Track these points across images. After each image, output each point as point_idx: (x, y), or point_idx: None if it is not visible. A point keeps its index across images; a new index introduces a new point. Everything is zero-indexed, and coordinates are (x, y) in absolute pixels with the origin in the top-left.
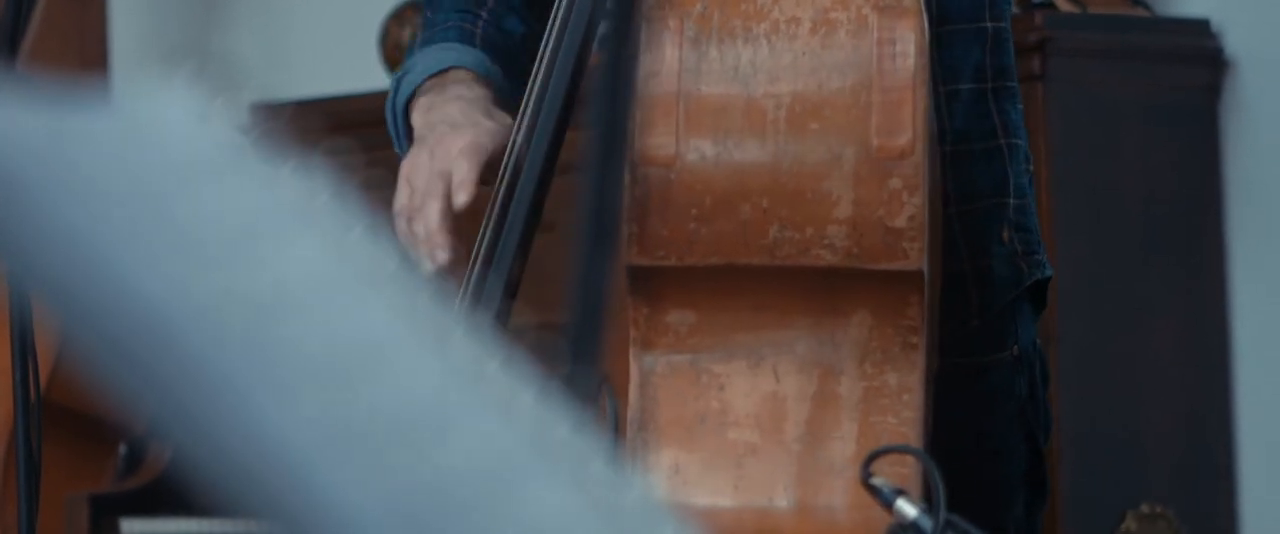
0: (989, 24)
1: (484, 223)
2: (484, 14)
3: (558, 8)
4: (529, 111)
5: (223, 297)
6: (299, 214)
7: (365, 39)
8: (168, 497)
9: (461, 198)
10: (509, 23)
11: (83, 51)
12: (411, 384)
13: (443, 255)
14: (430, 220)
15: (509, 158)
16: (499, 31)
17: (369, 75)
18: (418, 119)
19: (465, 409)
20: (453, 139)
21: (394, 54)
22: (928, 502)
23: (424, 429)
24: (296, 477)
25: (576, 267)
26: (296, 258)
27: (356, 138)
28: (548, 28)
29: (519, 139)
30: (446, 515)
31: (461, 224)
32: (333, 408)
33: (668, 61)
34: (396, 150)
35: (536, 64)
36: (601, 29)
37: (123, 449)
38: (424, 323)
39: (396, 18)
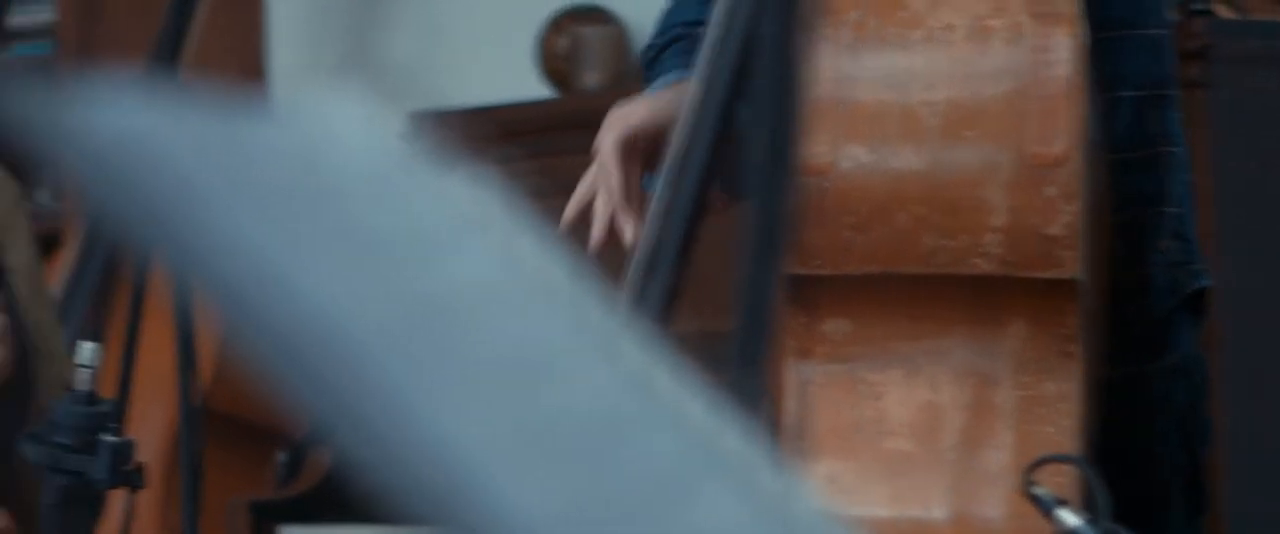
0: (1151, 31)
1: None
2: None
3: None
4: (691, 114)
5: (396, 304)
6: (471, 221)
7: (522, 48)
8: (327, 504)
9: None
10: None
11: (241, 59)
12: (585, 391)
13: (598, 231)
14: (613, 195)
15: (672, 163)
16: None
17: (525, 84)
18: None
19: (638, 417)
20: (627, 112)
21: (551, 63)
22: (1089, 511)
23: (598, 436)
24: (470, 483)
25: (742, 272)
26: (469, 265)
27: (514, 146)
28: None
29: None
30: (619, 523)
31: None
32: (506, 414)
33: (824, 69)
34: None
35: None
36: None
37: (282, 456)
38: (596, 330)
39: (554, 26)
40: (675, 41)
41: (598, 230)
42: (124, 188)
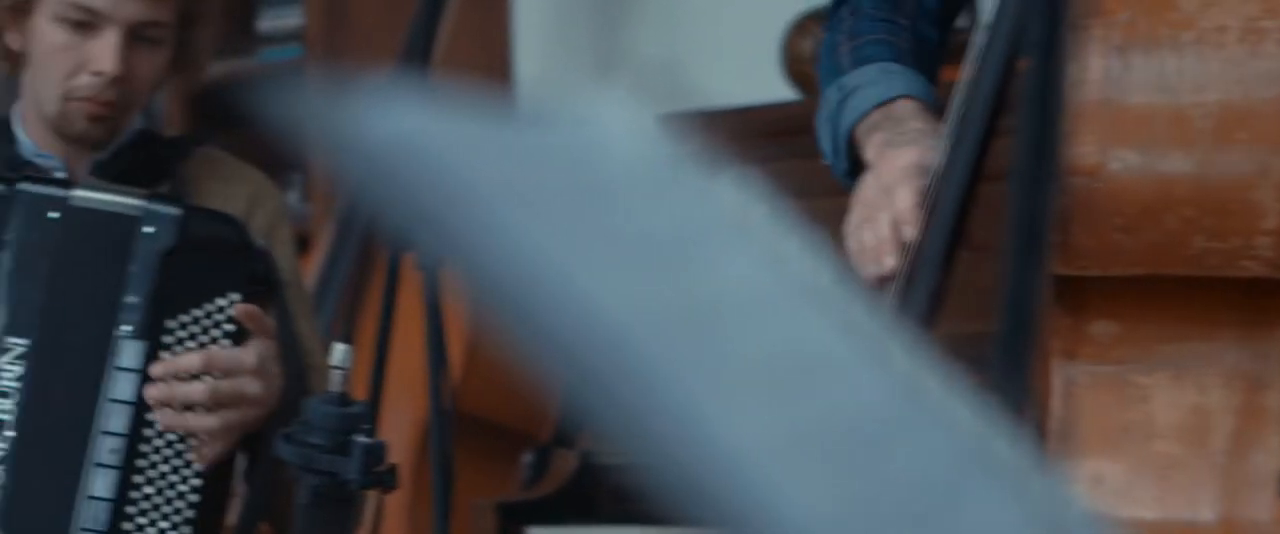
0: None
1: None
2: (904, 22)
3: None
4: (954, 118)
5: (668, 306)
6: (738, 224)
7: (766, 50)
8: (573, 504)
9: (907, 231)
10: (925, 30)
11: (488, 61)
12: (855, 394)
13: (890, 261)
14: (880, 229)
15: (937, 169)
16: (917, 40)
17: (770, 86)
18: (872, 154)
19: (908, 420)
20: (895, 156)
21: (795, 65)
22: None
23: (868, 439)
24: (743, 484)
25: (1006, 275)
26: (738, 268)
27: (759, 149)
28: (978, 33)
29: (945, 149)
30: (889, 525)
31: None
32: (778, 417)
33: (1093, 70)
34: (828, 164)
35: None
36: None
37: (529, 456)
38: (864, 333)
39: (798, 28)
40: None
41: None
42: (400, 191)
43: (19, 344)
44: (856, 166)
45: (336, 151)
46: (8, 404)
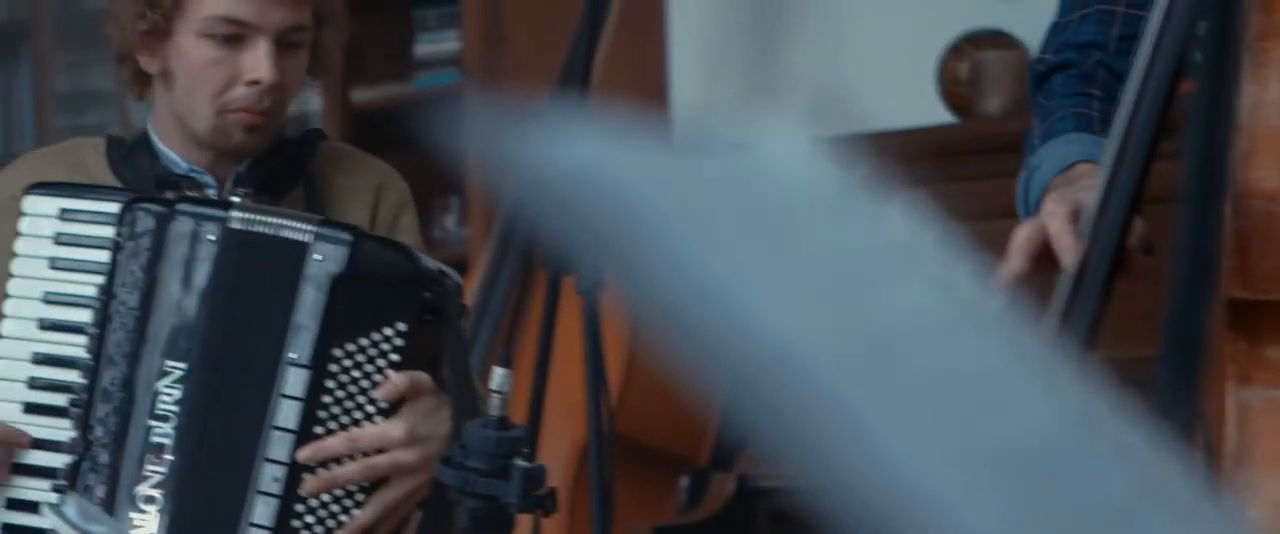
0: None
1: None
2: (1097, 92)
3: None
4: (1116, 141)
5: (842, 331)
6: (910, 251)
7: (923, 73)
8: (730, 529)
9: (1066, 258)
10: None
11: (644, 86)
12: (1028, 421)
13: (1018, 264)
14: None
15: (1097, 192)
16: (1115, 105)
17: (927, 110)
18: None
19: (1082, 447)
20: (1051, 199)
21: (951, 88)
22: None
23: (1043, 466)
24: (916, 508)
25: (1173, 299)
26: (911, 293)
27: (917, 172)
28: (1137, 58)
29: (1107, 171)
30: None
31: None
32: (953, 442)
33: (1273, 93)
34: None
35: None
36: (1195, 56)
37: (686, 480)
38: (1035, 359)
39: (954, 51)
40: (1067, 67)
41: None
42: (575, 218)
43: (177, 368)
44: None
45: (506, 177)
46: (166, 427)
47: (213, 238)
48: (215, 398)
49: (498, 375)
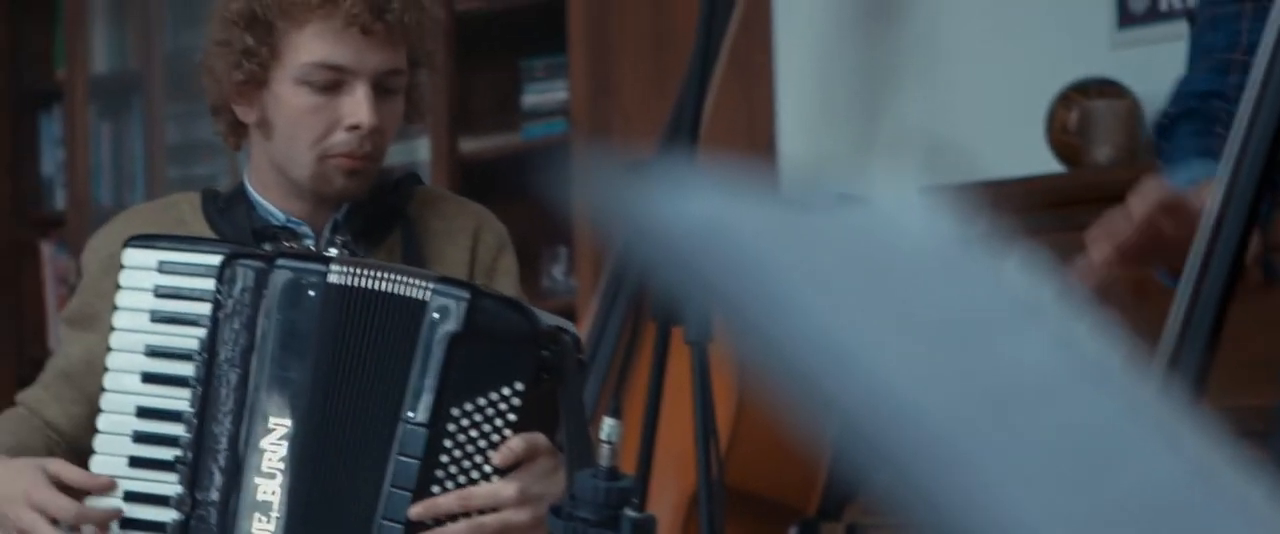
0: None
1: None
2: (1220, 130)
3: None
4: (1229, 167)
5: (961, 386)
6: (1028, 305)
7: (1031, 123)
8: None
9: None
10: None
11: (752, 135)
12: (1150, 478)
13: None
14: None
15: (1209, 220)
16: None
17: (1036, 159)
18: None
19: (1204, 505)
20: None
21: (1060, 138)
22: None
23: (1165, 524)
24: None
25: None
26: (1029, 348)
27: (1026, 222)
28: (1250, 81)
29: (1220, 197)
30: None
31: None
32: (1074, 499)
33: None
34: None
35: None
36: None
37: (794, 530)
38: (1155, 415)
39: (1063, 101)
40: (1189, 115)
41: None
42: (692, 271)
43: (282, 424)
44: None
45: (621, 229)
46: (273, 485)
47: (313, 293)
48: (324, 455)
49: (607, 425)
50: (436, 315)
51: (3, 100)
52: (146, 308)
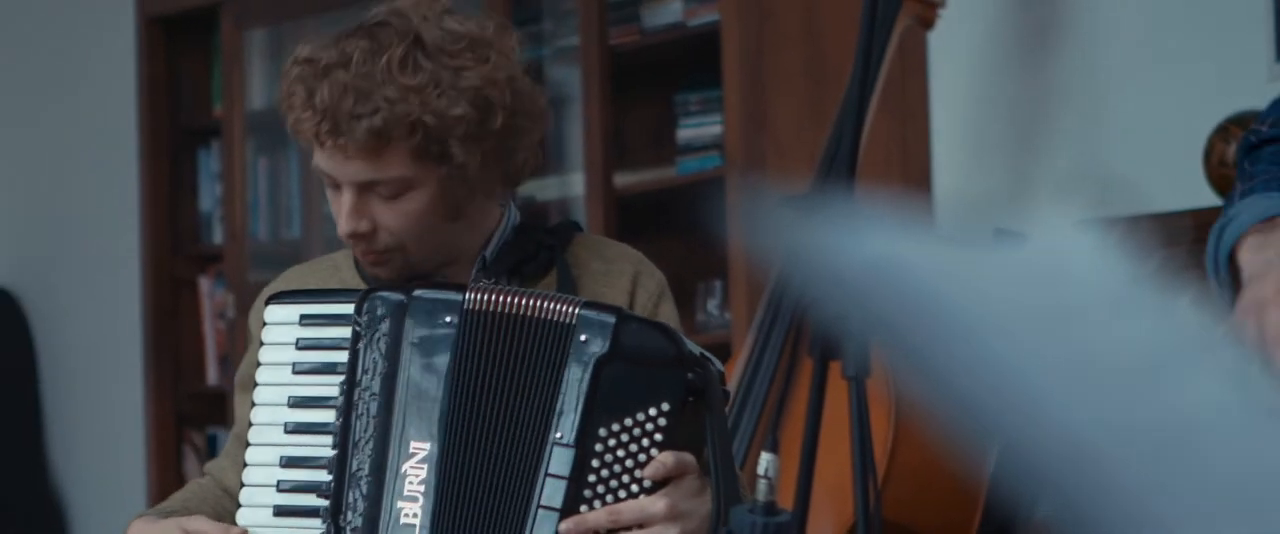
0: None
1: None
2: None
3: None
4: None
5: (1137, 424)
6: (1201, 343)
7: (1189, 155)
8: None
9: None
10: None
11: (906, 168)
12: None
13: None
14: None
15: None
16: None
17: (1194, 192)
18: (1245, 257)
19: None
20: (1248, 246)
21: (1218, 170)
22: None
23: None
24: None
25: None
26: (1203, 387)
27: (1184, 255)
28: None
29: None
30: None
31: None
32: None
33: None
34: (1211, 281)
35: None
36: None
37: None
38: None
39: (1220, 133)
40: (1278, 140)
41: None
42: (865, 305)
43: (423, 449)
44: (1234, 282)
45: (786, 263)
46: (415, 508)
47: (450, 319)
48: (466, 478)
49: (764, 460)
50: (583, 338)
51: (162, 137)
52: (288, 361)
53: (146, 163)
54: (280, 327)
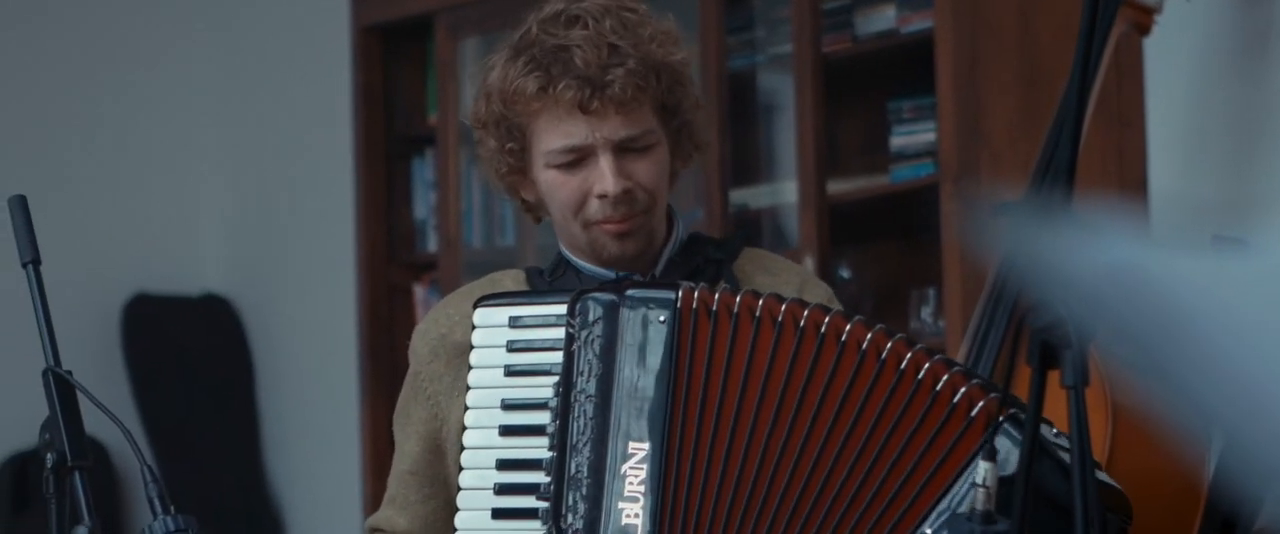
0: None
1: None
2: None
3: None
4: None
5: None
6: None
7: None
8: None
9: None
10: None
11: (1122, 175)
12: None
13: None
14: None
15: None
16: None
17: None
18: None
19: None
20: None
21: None
22: None
23: None
24: None
25: None
26: None
27: None
28: None
29: None
30: None
31: None
32: None
33: None
34: None
35: None
36: None
37: None
38: None
39: None
40: None
41: None
42: (1109, 313)
43: (641, 449)
44: None
45: (1020, 273)
46: (636, 508)
47: (663, 319)
48: (685, 476)
49: (981, 469)
50: None
51: (377, 145)
52: (500, 364)
53: (362, 171)
54: (490, 329)
